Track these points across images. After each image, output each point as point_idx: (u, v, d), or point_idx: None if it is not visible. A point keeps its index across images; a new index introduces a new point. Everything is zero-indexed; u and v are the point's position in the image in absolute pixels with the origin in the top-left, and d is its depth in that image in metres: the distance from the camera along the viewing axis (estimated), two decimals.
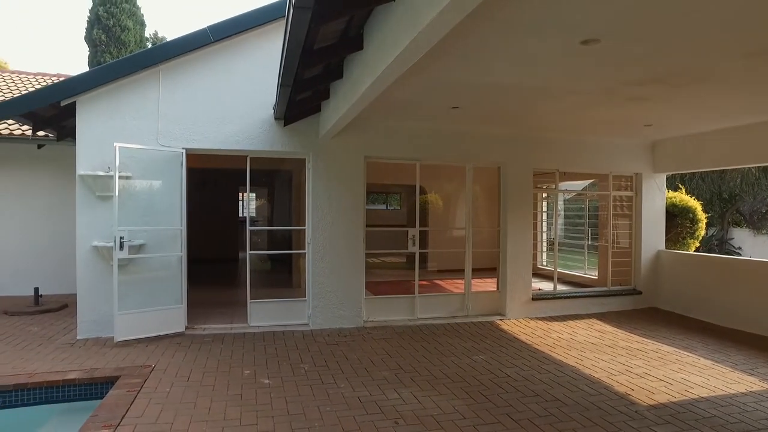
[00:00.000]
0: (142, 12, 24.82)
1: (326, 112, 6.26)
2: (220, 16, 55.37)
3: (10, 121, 8.16)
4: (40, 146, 8.76)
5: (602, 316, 7.99)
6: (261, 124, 6.68)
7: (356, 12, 3.68)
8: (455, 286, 9.06)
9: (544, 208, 12.09)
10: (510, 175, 7.86)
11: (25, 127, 8.25)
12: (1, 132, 8.34)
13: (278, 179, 12.53)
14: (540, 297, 8.12)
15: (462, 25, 2.82)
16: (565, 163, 8.38)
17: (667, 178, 9.27)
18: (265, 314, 6.88)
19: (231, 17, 6.51)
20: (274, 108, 6.40)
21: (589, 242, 9.81)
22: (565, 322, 7.57)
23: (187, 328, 6.50)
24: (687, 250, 9.84)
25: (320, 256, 6.96)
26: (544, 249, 12.04)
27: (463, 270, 7.87)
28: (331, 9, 3.29)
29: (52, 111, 6.45)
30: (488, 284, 8.54)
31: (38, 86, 10.77)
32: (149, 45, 26.50)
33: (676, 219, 9.76)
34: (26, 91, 10.23)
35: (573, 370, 5.38)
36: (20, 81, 11.38)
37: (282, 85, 4.86)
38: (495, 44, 3.93)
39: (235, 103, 6.62)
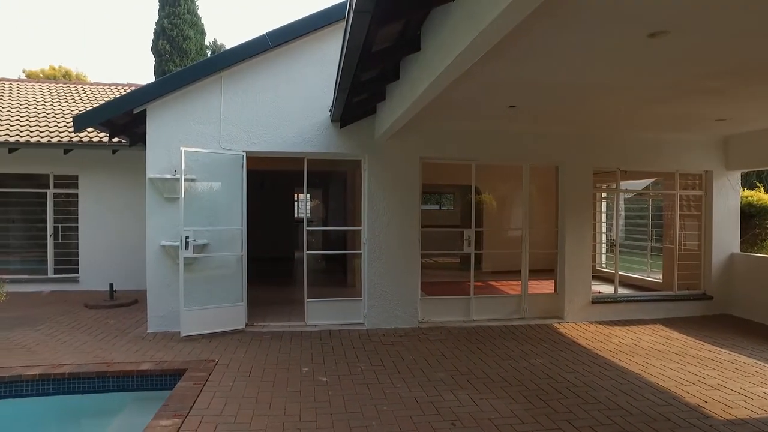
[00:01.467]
0: (202, 21, 25.92)
1: (382, 114, 6.31)
2: (273, 21, 56.99)
3: (90, 129, 8.75)
4: (114, 151, 9.38)
5: (668, 322, 7.59)
6: (318, 126, 6.83)
7: (414, 14, 3.70)
8: (511, 287, 8.89)
9: (603, 208, 11.65)
10: (568, 175, 7.62)
11: (102, 134, 8.83)
12: (82, 139, 8.99)
13: (332, 180, 12.75)
14: (600, 300, 7.83)
15: (522, 24, 2.77)
16: (627, 162, 8.03)
17: (741, 176, 8.69)
18: (321, 313, 7.03)
19: (288, 23, 6.69)
20: (330, 110, 6.53)
21: (653, 244, 9.35)
22: (627, 327, 7.25)
23: (247, 325, 6.73)
24: (766, 254, 9.17)
25: (376, 256, 7.03)
26: (604, 250, 11.60)
27: (518, 271, 7.72)
28: (390, 12, 3.31)
29: (125, 118, 6.87)
30: (545, 286, 8.33)
31: (113, 96, 11.52)
32: (209, 52, 27.66)
33: (753, 219, 9.13)
34: (103, 101, 10.98)
35: (637, 378, 5.15)
36: (97, 91, 12.20)
37: (339, 88, 4.94)
38: (555, 41, 3.82)
39: (292, 107, 6.81)
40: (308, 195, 20.80)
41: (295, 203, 16.38)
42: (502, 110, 6.22)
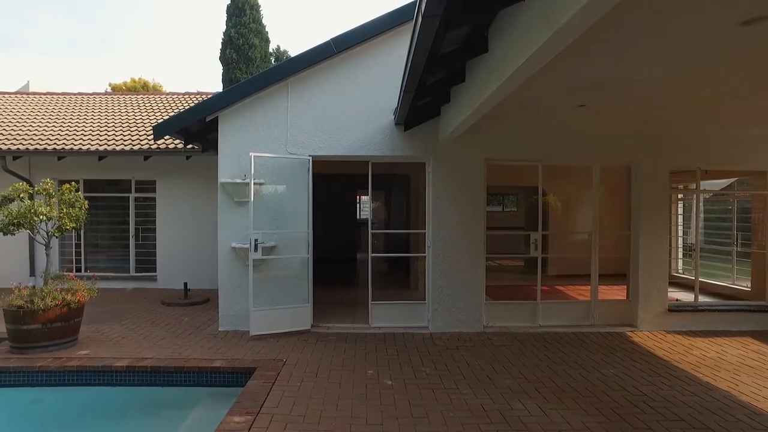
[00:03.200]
0: (266, 30, 26.86)
1: (446, 116, 6.26)
2: (333, 26, 58.08)
3: (167, 137, 9.27)
4: (188, 157, 9.92)
5: (759, 335, 6.99)
6: (382, 129, 6.88)
7: (482, 16, 3.63)
8: (578, 292, 8.55)
9: (680, 210, 10.94)
10: (642, 175, 7.23)
11: (177, 141, 9.35)
12: (160, 147, 9.56)
13: (394, 183, 12.80)
14: (678, 309, 7.35)
15: (599, 20, 2.64)
16: (710, 161, 7.49)
17: None
18: (385, 316, 7.06)
19: (351, 29, 6.79)
20: (394, 114, 6.56)
21: (738, 248, 8.67)
22: (709, 339, 6.76)
23: (312, 326, 6.89)
24: None
25: (440, 259, 6.98)
26: (680, 255, 10.89)
27: (585, 275, 7.42)
28: (459, 15, 3.28)
29: (198, 126, 7.23)
30: (615, 292, 7.94)
31: (186, 105, 12.17)
32: (273, 59, 28.61)
33: None
34: (177, 110, 11.63)
35: (725, 396, 4.78)
36: (172, 101, 12.93)
37: (405, 91, 4.95)
38: (632, 36, 3.62)
39: (357, 111, 6.90)
40: (372, 197, 21.17)
41: (357, 205, 16.62)
42: (572, 109, 5.98)
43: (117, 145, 9.64)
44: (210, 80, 44.30)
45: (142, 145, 9.64)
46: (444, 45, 3.97)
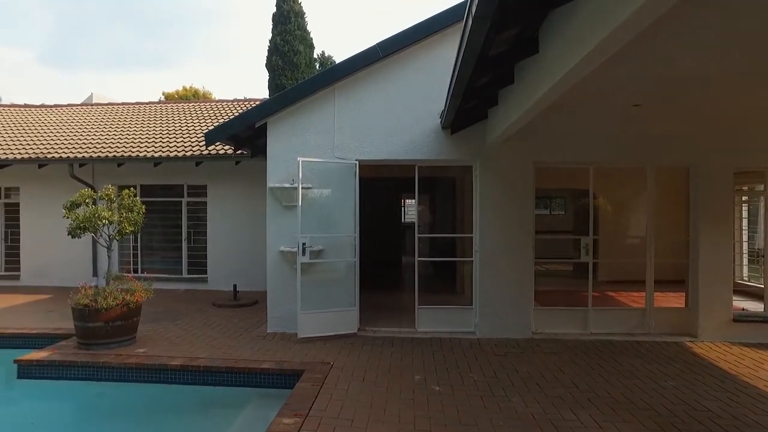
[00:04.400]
0: (311, 36, 27.34)
1: (494, 119, 6.16)
2: (376, 31, 58.50)
3: (218, 143, 9.59)
4: (237, 163, 10.21)
5: None
6: (428, 133, 6.85)
7: (534, 16, 3.54)
8: (631, 299, 8.20)
9: (744, 213, 10.30)
10: (703, 176, 6.86)
11: (227, 147, 9.64)
12: (211, 152, 9.89)
13: (439, 186, 12.72)
14: (744, 319, 6.91)
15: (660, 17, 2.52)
16: None
17: None
18: (431, 320, 7.01)
19: (397, 33, 6.79)
20: (441, 117, 6.51)
21: None
22: None
23: (359, 329, 6.91)
24: None
25: (488, 263, 6.87)
26: (746, 262, 10.26)
27: (638, 281, 7.13)
28: (510, 16, 3.21)
29: (248, 132, 7.41)
30: (672, 299, 7.57)
31: (235, 111, 12.54)
32: (317, 65, 29.06)
33: None
34: (226, 116, 12.00)
35: None
36: (221, 108, 13.35)
37: (452, 94, 4.90)
38: (694, 30, 3.43)
39: (402, 115, 6.90)
40: (413, 200, 21.12)
41: (402, 209, 16.65)
42: (625, 109, 5.76)
43: (171, 152, 10.04)
44: (256, 87, 45.55)
45: (194, 152, 10.00)
46: (493, 47, 3.91)
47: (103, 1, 60.43)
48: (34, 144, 11.13)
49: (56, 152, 10.50)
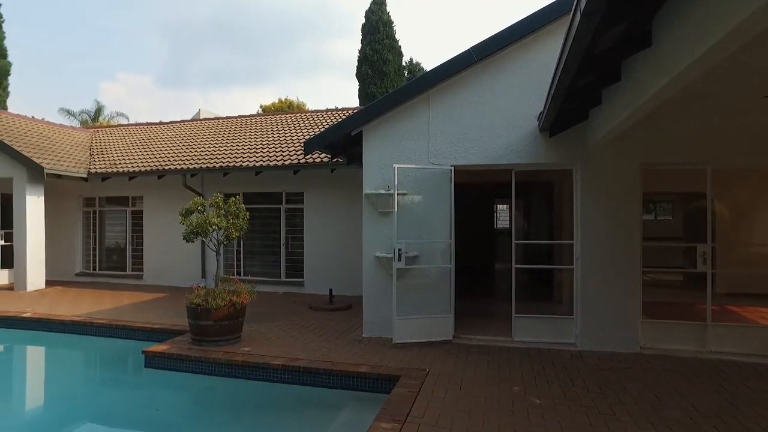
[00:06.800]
0: (399, 44, 27.73)
1: (597, 120, 5.82)
2: (465, 36, 58.02)
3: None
4: (332, 170, 10.57)
5: None
6: (525, 137, 6.63)
7: (646, 8, 3.30)
8: (759, 315, 7.32)
9: None
10: None
11: (323, 155, 10.02)
12: (308, 160, 10.33)
13: (534, 191, 12.29)
14: None
15: None
16: None
17: None
18: (528, 329, 6.75)
19: (491, 35, 6.67)
20: (538, 119, 6.28)
21: None
22: None
23: (454, 336, 6.82)
24: None
25: (590, 271, 6.49)
26: None
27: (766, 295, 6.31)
28: (622, 10, 3.01)
29: (344, 140, 7.63)
30: None
31: (328, 121, 13.02)
32: (406, 72, 29.40)
33: None
34: (320, 126, 12.48)
35: None
36: (315, 118, 13.92)
37: (553, 96, 4.70)
38: None
39: (498, 119, 6.75)
40: (510, 206, 20.61)
41: (494, 214, 16.34)
42: (754, 102, 5.17)
43: (271, 161, 10.62)
44: (346, 97, 46.99)
45: (292, 160, 10.50)
46: (600, 44, 3.69)
47: (206, 27, 66.06)
48: (155, 157, 12.34)
49: (172, 164, 11.55)
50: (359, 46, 27.76)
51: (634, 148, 6.35)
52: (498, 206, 16.45)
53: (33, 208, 11.25)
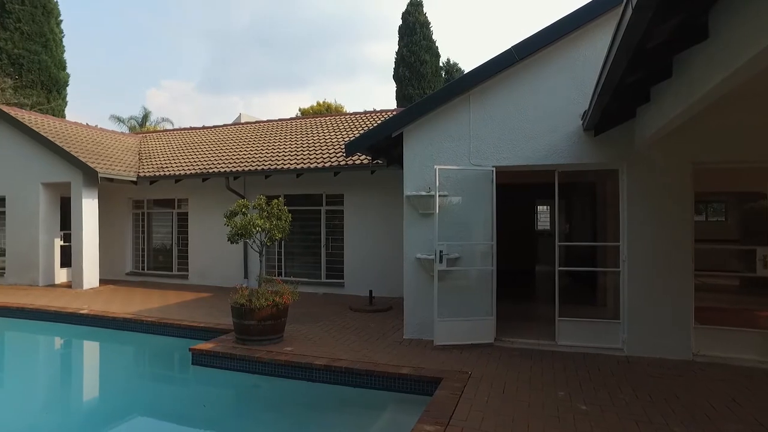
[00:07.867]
0: (436, 45, 27.63)
1: (645, 118, 5.63)
2: (502, 36, 57.21)
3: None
4: (372, 172, 10.63)
5: None
6: (569, 136, 6.48)
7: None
8: None
9: None
10: None
11: (363, 157, 10.10)
12: (348, 163, 10.44)
13: (576, 191, 12.00)
14: None
15: None
16: None
17: None
18: (572, 333, 6.58)
19: (533, 34, 6.55)
20: (582, 118, 6.13)
21: None
22: None
23: (495, 339, 6.73)
24: None
25: (638, 274, 6.28)
26: None
27: None
28: (677, 3, 2.91)
29: (385, 142, 7.66)
30: None
31: (367, 123, 13.10)
32: (443, 73, 29.28)
33: None
34: (359, 128, 12.57)
35: None
36: (354, 120, 14.03)
37: (600, 93, 4.59)
38: None
39: (540, 118, 6.63)
40: (552, 207, 20.12)
41: (535, 215, 16.05)
42: None
43: (311, 163, 10.79)
44: (384, 98, 47.28)
45: (332, 162, 10.63)
46: (652, 38, 3.58)
47: (245, 34, 67.82)
48: (199, 161, 12.74)
49: (216, 167, 11.89)
50: (396, 47, 27.83)
51: (685, 147, 6.11)
52: (538, 207, 16.12)
53: (88, 210, 11.83)
